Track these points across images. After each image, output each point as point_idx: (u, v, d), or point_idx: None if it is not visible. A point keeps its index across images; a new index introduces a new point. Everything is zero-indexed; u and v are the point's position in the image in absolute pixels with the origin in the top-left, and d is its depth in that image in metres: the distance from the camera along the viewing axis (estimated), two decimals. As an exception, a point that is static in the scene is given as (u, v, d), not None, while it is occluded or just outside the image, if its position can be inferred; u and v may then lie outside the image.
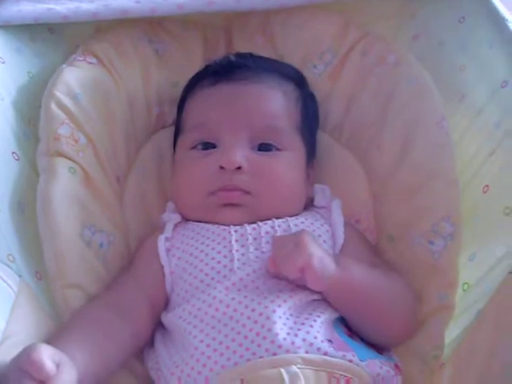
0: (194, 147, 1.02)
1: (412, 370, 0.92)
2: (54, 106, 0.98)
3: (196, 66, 1.17)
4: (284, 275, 0.86)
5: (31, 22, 1.06)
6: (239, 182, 0.96)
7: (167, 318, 0.91)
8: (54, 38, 1.12)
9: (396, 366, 0.88)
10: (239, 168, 0.96)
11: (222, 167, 0.96)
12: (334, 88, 1.14)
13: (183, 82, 1.14)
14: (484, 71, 1.00)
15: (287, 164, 1.00)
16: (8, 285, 0.82)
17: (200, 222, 0.99)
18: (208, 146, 1.01)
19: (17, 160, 0.95)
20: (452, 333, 0.91)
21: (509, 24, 0.99)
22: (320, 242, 0.94)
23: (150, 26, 1.15)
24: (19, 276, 0.85)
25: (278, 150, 1.01)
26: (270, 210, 0.98)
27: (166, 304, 0.94)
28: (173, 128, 1.15)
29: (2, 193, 0.90)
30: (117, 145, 1.05)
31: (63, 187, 0.94)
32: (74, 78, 1.03)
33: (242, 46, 1.19)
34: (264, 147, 1.00)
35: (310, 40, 1.15)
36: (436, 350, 0.91)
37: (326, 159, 1.12)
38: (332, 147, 1.14)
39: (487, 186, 0.93)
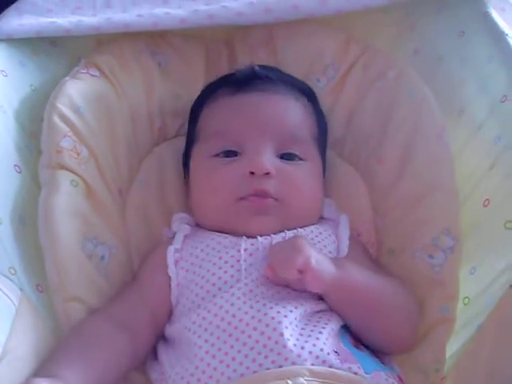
0: (216, 155, 1.01)
1: (413, 383, 0.92)
2: (56, 119, 0.99)
3: (198, 78, 1.18)
4: (283, 280, 0.86)
5: (33, 36, 1.07)
6: (269, 187, 0.96)
7: (171, 330, 0.91)
8: (57, 50, 1.13)
9: (399, 377, 0.88)
10: (267, 174, 0.96)
11: (251, 172, 0.96)
12: (336, 102, 1.15)
13: (185, 94, 1.15)
14: (484, 85, 1.01)
15: (310, 174, 1.01)
16: (9, 298, 0.82)
17: (216, 230, 0.98)
18: (230, 154, 1.00)
19: (19, 173, 0.95)
20: (453, 347, 0.91)
21: (508, 38, 0.99)
22: (325, 252, 0.95)
23: (152, 38, 1.16)
24: (20, 289, 0.85)
25: (300, 159, 1.01)
26: (295, 219, 0.98)
27: (169, 316, 0.94)
28: (174, 140, 1.16)
29: (4, 205, 0.90)
30: (119, 157, 1.06)
31: (65, 200, 0.94)
32: (77, 90, 1.03)
33: (245, 59, 1.19)
34: (287, 156, 1.00)
35: (313, 55, 1.16)
36: (437, 364, 0.91)
37: (328, 173, 1.12)
38: (334, 161, 1.14)
39: (488, 199, 0.94)
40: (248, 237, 0.95)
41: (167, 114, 1.15)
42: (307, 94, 1.09)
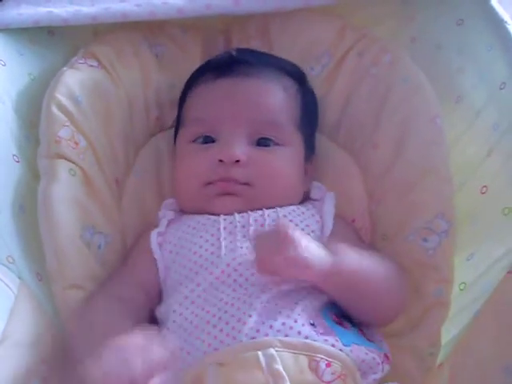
0: (194, 140, 1.03)
1: (409, 367, 0.93)
2: (54, 109, 0.99)
3: (194, 68, 1.16)
4: (273, 273, 0.84)
5: (31, 25, 1.07)
6: (236, 175, 0.97)
7: (159, 310, 0.92)
8: (55, 40, 1.13)
9: (385, 355, 0.87)
10: (237, 161, 0.97)
11: (220, 160, 0.97)
12: (331, 89, 1.14)
13: (182, 84, 1.14)
14: (482, 73, 1.01)
15: (285, 159, 1.01)
16: (7, 286, 0.82)
17: (195, 213, 0.99)
18: (208, 139, 1.01)
19: (17, 162, 0.95)
20: (450, 333, 0.92)
21: (507, 26, 0.99)
22: (308, 231, 0.95)
23: (150, 29, 1.16)
24: (19, 277, 0.86)
25: (276, 144, 1.01)
26: (265, 201, 0.98)
27: (161, 298, 0.95)
28: (171, 130, 1.15)
29: (3, 195, 0.90)
30: (116, 147, 1.06)
31: (64, 189, 0.95)
32: (75, 80, 1.03)
33: (241, 49, 1.19)
34: (263, 142, 1.01)
35: (308, 43, 1.16)
36: (432, 348, 0.92)
37: (322, 159, 1.12)
38: (329, 147, 1.14)
39: (485, 186, 0.94)
40: (226, 214, 0.96)
41: (164, 105, 1.15)
42: (294, 75, 1.09)
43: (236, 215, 0.96)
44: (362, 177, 1.10)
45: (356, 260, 0.89)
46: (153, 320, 0.93)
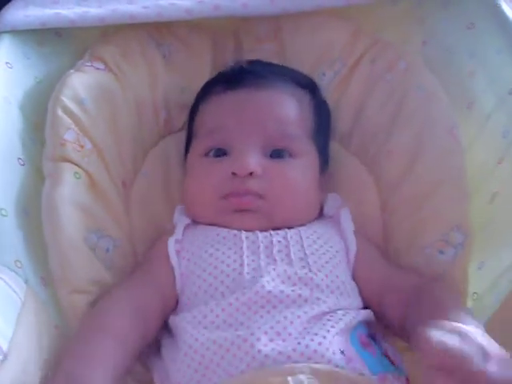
0: (206, 154, 1.01)
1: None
2: (60, 111, 0.98)
3: (204, 70, 1.17)
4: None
5: (38, 27, 1.06)
6: (251, 186, 0.95)
7: (174, 320, 0.90)
8: (62, 42, 1.12)
9: (406, 379, 0.86)
10: (251, 174, 0.95)
11: (234, 173, 0.96)
12: (343, 96, 1.13)
13: (191, 86, 1.14)
14: (492, 78, 1.00)
15: (300, 171, 0.99)
16: (15, 292, 0.81)
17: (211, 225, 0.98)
18: (220, 152, 1.00)
19: (22, 165, 0.95)
20: None
21: None
22: (333, 252, 0.94)
23: (158, 29, 1.15)
24: (25, 282, 0.85)
25: (290, 156, 1.00)
26: (282, 215, 0.97)
27: (175, 306, 0.93)
28: (180, 133, 1.14)
29: (8, 198, 0.90)
30: (123, 150, 1.05)
31: (68, 192, 0.93)
32: (81, 83, 1.02)
33: (251, 51, 1.18)
34: (277, 154, 0.99)
35: (320, 48, 1.15)
36: None
37: (335, 167, 1.10)
38: (341, 155, 1.12)
39: (496, 194, 0.93)
40: (246, 231, 0.95)
41: (173, 107, 1.14)
42: (306, 86, 1.08)
43: (259, 234, 0.94)
44: (376, 185, 1.08)
45: None
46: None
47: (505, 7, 1.03)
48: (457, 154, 0.99)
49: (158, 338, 0.93)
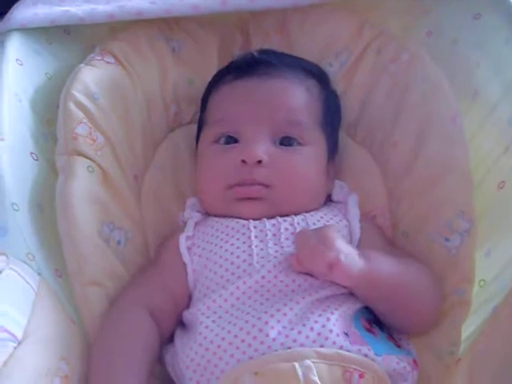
0: (216, 141, 1.03)
1: (428, 366, 0.93)
2: (71, 106, 1.00)
3: (212, 64, 1.19)
4: (309, 271, 0.87)
5: (48, 25, 1.08)
6: (258, 176, 0.97)
7: (187, 314, 0.92)
8: (70, 38, 1.13)
9: (414, 361, 0.89)
10: (260, 162, 0.97)
11: (243, 161, 0.97)
12: (350, 86, 1.15)
13: (199, 79, 1.16)
14: (498, 68, 1.00)
15: (308, 159, 1.01)
16: (28, 283, 0.83)
17: (220, 216, 1.00)
18: (230, 140, 1.02)
19: (35, 160, 0.97)
20: (468, 329, 0.92)
21: None
22: None
23: (167, 24, 1.17)
24: (39, 274, 0.87)
25: (299, 144, 1.01)
26: (288, 203, 0.99)
27: (189, 301, 0.95)
28: (189, 126, 1.17)
29: (21, 193, 0.91)
30: (134, 143, 1.07)
31: (82, 186, 0.95)
32: (92, 77, 1.04)
33: (259, 44, 1.20)
34: (286, 141, 1.01)
35: (326, 39, 1.17)
36: (452, 347, 0.92)
37: (342, 156, 1.12)
38: (348, 145, 1.14)
39: (503, 181, 0.94)
40: (254, 220, 0.96)
41: (182, 100, 1.16)
42: (316, 76, 1.09)
43: (266, 222, 0.96)
44: (382, 174, 1.10)
45: (388, 266, 0.90)
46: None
47: None
48: (460, 143, 1.00)
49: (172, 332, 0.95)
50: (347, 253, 0.85)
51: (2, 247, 0.83)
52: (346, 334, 0.83)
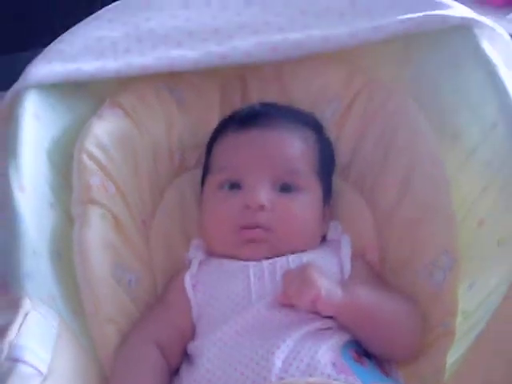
0: (221, 187, 1.10)
1: None
2: (85, 158, 1.07)
3: (214, 112, 1.26)
4: (296, 306, 0.95)
5: (62, 82, 1.14)
6: (261, 220, 1.05)
7: (192, 347, 1.00)
8: (83, 92, 1.19)
9: None
10: (262, 207, 1.05)
11: (247, 206, 1.05)
12: (341, 133, 1.22)
13: (202, 127, 1.23)
14: (476, 113, 1.07)
15: (305, 204, 1.09)
16: (50, 323, 0.89)
17: (224, 256, 1.07)
18: (234, 186, 1.09)
19: (53, 209, 1.03)
20: (452, 357, 0.96)
21: (498, 70, 1.06)
22: (330, 274, 1.02)
23: (171, 76, 1.23)
24: (59, 315, 0.92)
25: (297, 190, 1.09)
26: (287, 244, 1.06)
27: (193, 335, 1.02)
28: (193, 171, 1.23)
29: (42, 240, 0.97)
30: (142, 191, 1.14)
31: (96, 232, 1.02)
32: (103, 130, 1.11)
33: (257, 93, 1.27)
34: (285, 188, 1.08)
35: (318, 88, 1.24)
36: (437, 375, 0.96)
37: (335, 198, 1.19)
38: (341, 187, 1.21)
39: (482, 219, 1.00)
40: (254, 261, 1.04)
41: (186, 147, 1.23)
42: (312, 126, 1.17)
43: (264, 263, 1.03)
44: (372, 214, 1.17)
45: (368, 296, 0.98)
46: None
47: (486, 46, 1.11)
48: (442, 186, 1.07)
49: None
50: (327, 288, 0.93)
51: (27, 291, 0.89)
52: (334, 364, 0.90)
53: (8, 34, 1.69)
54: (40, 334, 0.86)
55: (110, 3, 1.26)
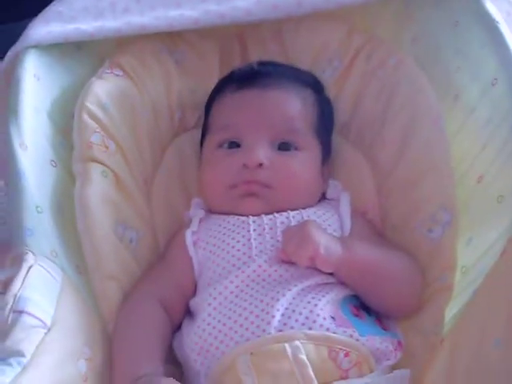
0: (220, 146, 1.11)
1: (415, 345, 0.99)
2: (85, 117, 1.07)
3: (213, 72, 1.27)
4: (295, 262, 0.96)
5: (61, 42, 1.14)
6: (259, 177, 1.06)
7: (193, 303, 1.01)
8: (82, 53, 1.20)
9: (398, 342, 0.96)
10: (261, 165, 1.05)
11: (245, 164, 1.06)
12: (342, 90, 1.23)
13: (201, 87, 1.24)
14: (476, 71, 1.06)
15: (304, 162, 1.09)
16: (54, 277, 0.90)
17: (223, 213, 1.08)
18: (233, 145, 1.10)
19: (54, 167, 1.04)
20: (451, 311, 0.98)
21: (499, 25, 1.05)
22: (330, 231, 1.03)
23: (170, 37, 1.24)
24: (62, 270, 0.94)
25: (296, 149, 1.09)
26: (285, 202, 1.07)
27: (195, 291, 1.04)
28: (193, 131, 1.24)
29: (44, 196, 0.98)
30: (143, 149, 1.15)
31: (97, 189, 1.03)
32: (103, 89, 1.12)
33: (256, 53, 1.28)
34: (284, 146, 1.09)
35: (319, 47, 1.24)
36: (436, 328, 0.98)
37: (335, 156, 1.20)
38: (341, 145, 1.22)
39: (481, 176, 1.00)
40: (254, 215, 1.05)
41: (186, 107, 1.24)
42: (311, 85, 1.17)
43: (264, 217, 1.04)
44: (372, 172, 1.18)
45: (368, 251, 1.00)
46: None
47: (487, 3, 1.09)
48: (442, 143, 1.07)
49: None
50: (326, 244, 0.94)
51: (30, 246, 0.90)
52: (333, 318, 0.92)
53: (3, 3, 1.67)
54: (44, 287, 0.87)
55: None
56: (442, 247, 1.03)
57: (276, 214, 1.05)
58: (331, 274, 0.98)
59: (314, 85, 1.18)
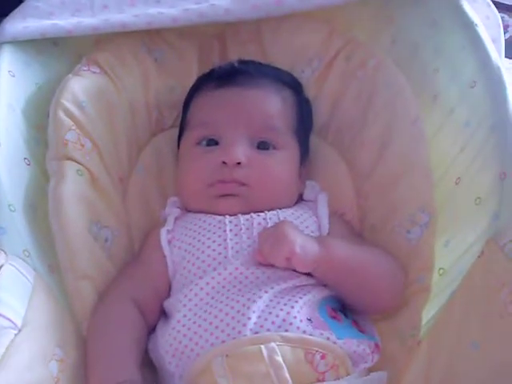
0: (198, 143, 1.10)
1: (392, 347, 0.99)
2: (61, 114, 1.06)
3: (191, 72, 1.26)
4: (272, 263, 0.95)
5: (37, 37, 1.12)
6: (237, 175, 1.05)
7: (167, 303, 1.00)
8: (58, 50, 1.19)
9: (376, 345, 0.96)
10: (239, 163, 1.04)
11: (224, 162, 1.05)
12: (321, 91, 1.23)
13: (180, 87, 1.23)
14: (455, 73, 1.06)
15: (282, 162, 1.09)
16: (25, 277, 0.89)
17: (199, 212, 1.07)
18: (211, 142, 1.09)
19: (28, 165, 1.02)
20: (429, 313, 0.98)
21: (477, 28, 1.05)
22: (308, 232, 1.03)
23: (149, 35, 1.23)
24: (34, 269, 0.92)
25: (274, 148, 1.09)
26: (263, 202, 1.06)
27: (169, 292, 1.02)
28: (170, 130, 1.23)
29: (17, 195, 0.96)
30: (119, 148, 1.13)
31: (72, 187, 1.01)
32: (79, 86, 1.10)
33: (235, 53, 1.27)
34: (262, 145, 1.08)
35: (298, 48, 1.24)
36: (413, 330, 0.98)
37: (314, 157, 1.20)
38: (319, 146, 1.22)
39: (459, 178, 1.00)
40: (231, 215, 1.04)
41: (163, 106, 1.23)
42: (291, 85, 1.17)
43: (241, 217, 1.03)
44: (350, 173, 1.18)
45: (346, 250, 0.98)
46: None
47: (465, 5, 1.09)
48: (421, 144, 1.07)
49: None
50: (302, 243, 0.93)
51: (1, 245, 0.89)
52: (310, 320, 0.91)
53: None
54: (14, 288, 0.86)
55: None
56: (419, 248, 1.03)
57: (253, 215, 1.04)
58: (310, 275, 0.97)
59: (293, 85, 1.18)
